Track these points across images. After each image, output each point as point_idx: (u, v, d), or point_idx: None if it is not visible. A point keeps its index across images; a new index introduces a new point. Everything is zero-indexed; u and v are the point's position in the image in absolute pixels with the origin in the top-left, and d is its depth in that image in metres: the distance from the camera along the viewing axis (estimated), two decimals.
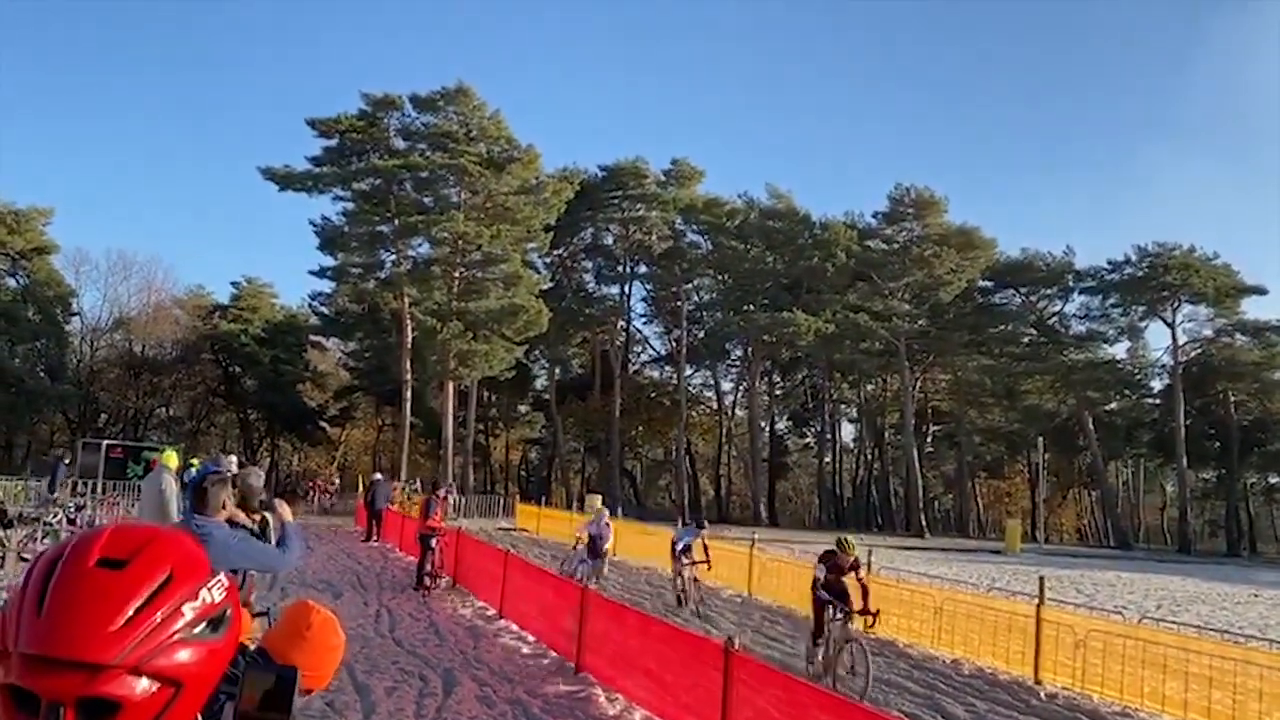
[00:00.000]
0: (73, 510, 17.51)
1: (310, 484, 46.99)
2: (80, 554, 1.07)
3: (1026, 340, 59.82)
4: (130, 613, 1.03)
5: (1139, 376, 59.64)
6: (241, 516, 5.87)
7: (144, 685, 1.02)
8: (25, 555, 14.39)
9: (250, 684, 1.25)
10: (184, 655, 1.05)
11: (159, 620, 1.04)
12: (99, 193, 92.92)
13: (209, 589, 1.10)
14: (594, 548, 16.56)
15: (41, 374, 48.55)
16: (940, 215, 56.33)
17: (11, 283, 48.83)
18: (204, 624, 1.09)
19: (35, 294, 48.39)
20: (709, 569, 16.16)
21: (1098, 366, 57.36)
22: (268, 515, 6.46)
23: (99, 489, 28.11)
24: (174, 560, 1.09)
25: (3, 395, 45.39)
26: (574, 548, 17.21)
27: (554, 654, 10.88)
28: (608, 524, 17.04)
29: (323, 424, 60.08)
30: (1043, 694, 10.55)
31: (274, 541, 6.04)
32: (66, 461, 26.30)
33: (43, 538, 15.23)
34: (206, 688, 1.10)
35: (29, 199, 48.92)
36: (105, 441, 36.34)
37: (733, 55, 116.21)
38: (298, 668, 1.33)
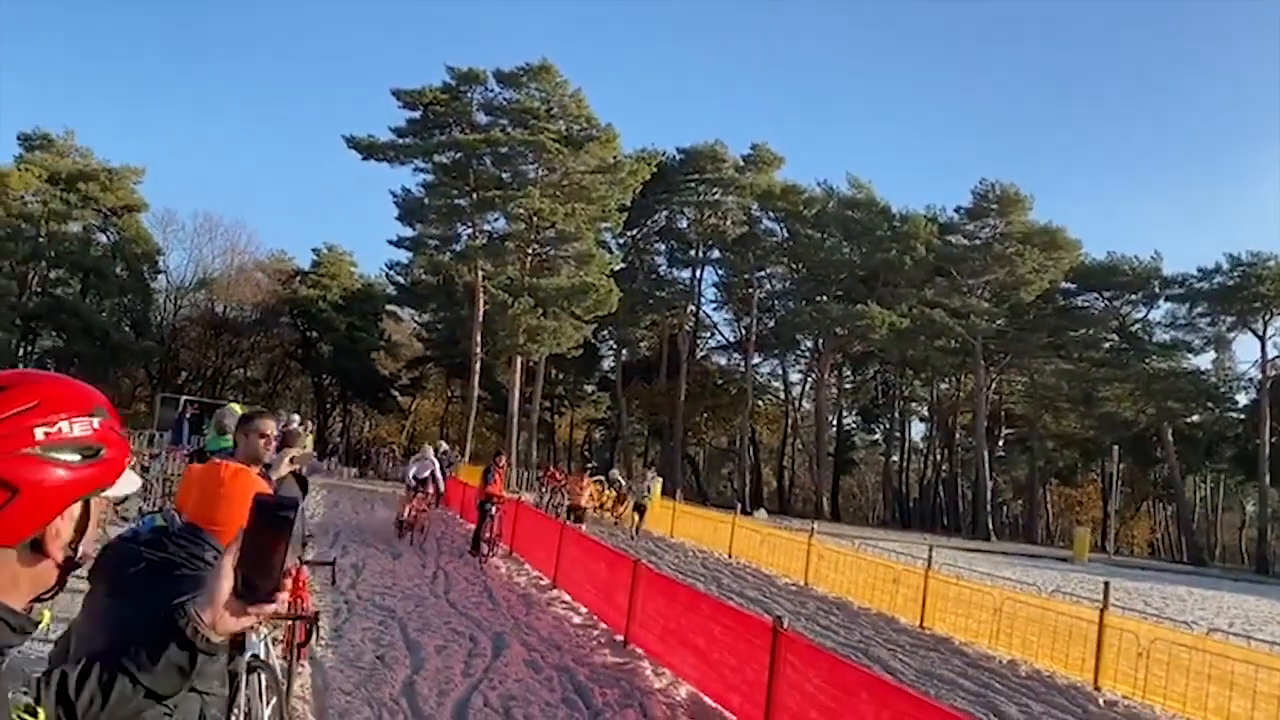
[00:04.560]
0: (147, 458, 18.04)
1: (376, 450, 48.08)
2: None
3: (1107, 346, 58.22)
4: None
5: (1224, 389, 57.65)
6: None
7: None
8: None
9: (258, 509, 1.51)
10: (27, 469, 1.25)
11: (9, 433, 1.25)
12: (188, 154, 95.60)
13: (71, 422, 1.29)
14: None
15: (126, 329, 50.09)
16: (1024, 213, 55.04)
17: (102, 239, 50.50)
18: (59, 448, 1.27)
19: (124, 251, 49.93)
20: None
21: (1181, 376, 55.60)
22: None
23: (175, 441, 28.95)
24: (44, 394, 1.30)
25: (89, 347, 47.00)
26: None
27: (604, 626, 10.90)
28: None
29: (394, 393, 61.07)
30: (1101, 701, 10.25)
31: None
32: (188, 415, 27.20)
33: None
34: (50, 504, 1.27)
35: (123, 158, 50.49)
36: (184, 398, 37.32)
37: (821, 42, 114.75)
38: (298, 499, 1.54)
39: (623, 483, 29.12)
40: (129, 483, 1.41)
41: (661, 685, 8.50)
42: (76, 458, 1.29)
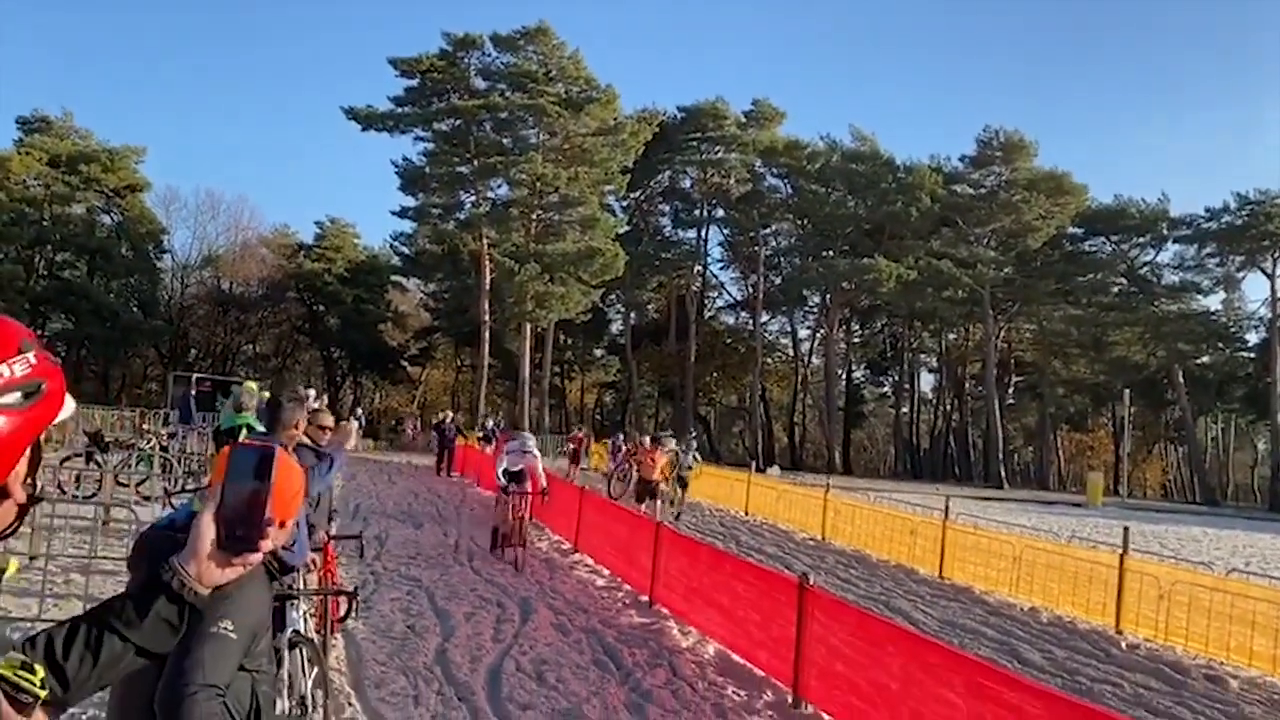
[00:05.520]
0: (164, 437, 18.16)
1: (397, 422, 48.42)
2: None
3: (1116, 290, 57.93)
4: None
5: (1234, 329, 57.43)
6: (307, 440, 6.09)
7: None
8: (121, 480, 15.02)
9: (237, 458, 1.52)
10: None
11: None
12: (189, 131, 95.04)
13: (9, 365, 1.26)
14: None
15: (135, 309, 50.11)
16: (1029, 159, 54.64)
17: (106, 220, 50.36)
18: (3, 395, 1.24)
19: (129, 231, 49.80)
20: None
21: (1190, 318, 55.38)
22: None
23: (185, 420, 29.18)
24: None
25: (99, 329, 47.12)
26: None
27: (628, 587, 11.01)
28: None
29: (403, 363, 61.17)
30: (1124, 644, 10.34)
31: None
32: (194, 393, 27.46)
33: (136, 463, 15.84)
34: (9, 455, 1.26)
35: (123, 138, 50.20)
36: (195, 375, 37.57)
37: None
38: (275, 446, 1.58)
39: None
40: (67, 407, 1.38)
41: (689, 644, 8.62)
42: (19, 398, 1.26)
